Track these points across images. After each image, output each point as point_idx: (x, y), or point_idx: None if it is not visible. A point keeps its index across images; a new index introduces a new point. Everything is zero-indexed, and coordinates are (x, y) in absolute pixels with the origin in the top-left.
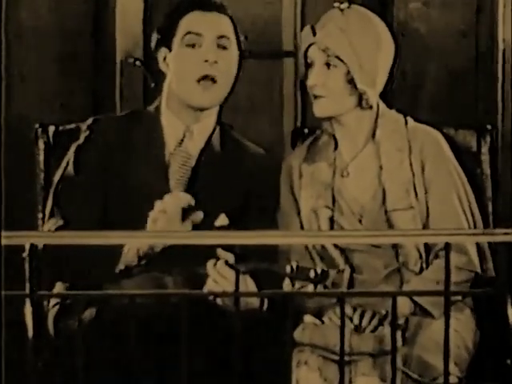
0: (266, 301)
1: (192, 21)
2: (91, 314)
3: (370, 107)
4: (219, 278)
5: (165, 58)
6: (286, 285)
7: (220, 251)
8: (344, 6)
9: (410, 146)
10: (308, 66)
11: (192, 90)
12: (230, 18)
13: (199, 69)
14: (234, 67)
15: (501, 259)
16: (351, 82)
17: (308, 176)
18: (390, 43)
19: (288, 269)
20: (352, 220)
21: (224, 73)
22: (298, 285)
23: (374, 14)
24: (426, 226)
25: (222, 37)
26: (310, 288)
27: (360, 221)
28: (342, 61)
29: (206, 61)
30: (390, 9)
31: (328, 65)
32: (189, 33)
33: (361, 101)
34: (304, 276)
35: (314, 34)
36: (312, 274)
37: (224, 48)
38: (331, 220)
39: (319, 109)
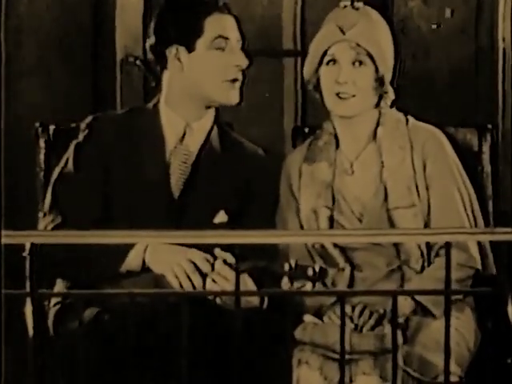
0: (265, 299)
1: (219, 24)
2: (91, 313)
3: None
4: (218, 278)
5: (175, 54)
6: (285, 283)
7: (218, 251)
8: (359, 4)
9: (411, 144)
10: (319, 65)
11: (220, 89)
12: (236, 18)
13: (229, 72)
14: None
15: (501, 258)
16: (378, 80)
17: (308, 176)
18: (391, 42)
19: (286, 267)
20: (352, 219)
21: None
22: (297, 283)
23: (377, 12)
24: (427, 224)
25: (239, 40)
26: (309, 286)
27: (360, 220)
28: (371, 59)
29: (237, 65)
30: (391, 7)
31: (354, 63)
32: (219, 36)
33: (380, 100)
34: (302, 274)
35: (343, 32)
36: (310, 272)
37: (242, 50)
38: (331, 219)
39: (345, 108)
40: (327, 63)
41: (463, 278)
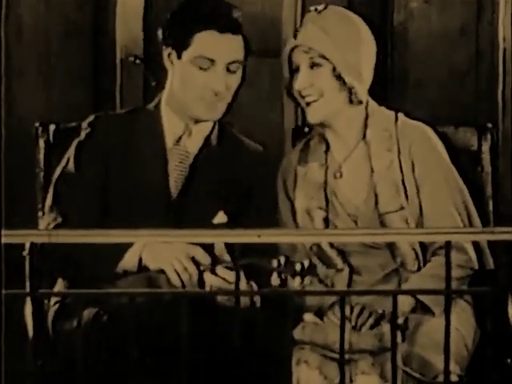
0: (258, 298)
1: (206, 44)
2: (89, 313)
3: (360, 102)
4: (219, 280)
5: (169, 55)
6: (274, 279)
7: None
8: (320, 7)
9: (398, 146)
10: (293, 72)
11: (195, 105)
12: (243, 36)
13: (205, 93)
14: (237, 84)
15: (501, 257)
16: (339, 78)
17: (301, 177)
18: (370, 40)
19: (275, 263)
20: (347, 221)
21: (228, 92)
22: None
23: (351, 12)
24: (419, 226)
25: (233, 62)
26: (297, 282)
27: (356, 222)
28: (326, 59)
29: (212, 89)
30: (391, 7)
31: (312, 66)
32: (201, 56)
33: (350, 96)
34: (291, 270)
35: (295, 37)
36: (298, 267)
37: (233, 72)
38: (326, 221)
39: (313, 114)
40: (295, 72)
41: (461, 277)
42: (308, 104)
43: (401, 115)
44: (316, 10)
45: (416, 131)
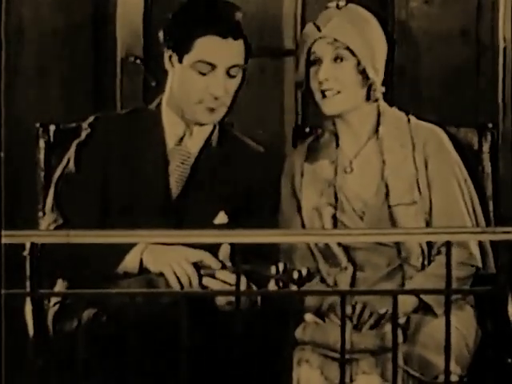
0: (259, 299)
1: (207, 48)
2: (89, 314)
3: (376, 100)
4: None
5: (170, 57)
6: (271, 287)
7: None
8: (342, 3)
9: (413, 143)
10: (310, 64)
11: (194, 108)
12: (245, 39)
13: (204, 98)
14: (236, 87)
15: (502, 257)
16: (362, 73)
17: (310, 174)
18: (383, 39)
19: (273, 270)
20: (353, 217)
21: (228, 96)
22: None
23: (366, 11)
24: (428, 222)
25: (233, 66)
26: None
27: (361, 218)
28: (351, 52)
29: (211, 94)
30: (391, 7)
31: (336, 59)
32: (201, 61)
33: (369, 93)
34: (288, 277)
35: (319, 29)
36: (295, 276)
37: (233, 76)
38: (334, 218)
39: (331, 106)
40: (313, 63)
41: (464, 277)
42: (324, 95)
43: (412, 117)
44: (337, 6)
45: (429, 131)
